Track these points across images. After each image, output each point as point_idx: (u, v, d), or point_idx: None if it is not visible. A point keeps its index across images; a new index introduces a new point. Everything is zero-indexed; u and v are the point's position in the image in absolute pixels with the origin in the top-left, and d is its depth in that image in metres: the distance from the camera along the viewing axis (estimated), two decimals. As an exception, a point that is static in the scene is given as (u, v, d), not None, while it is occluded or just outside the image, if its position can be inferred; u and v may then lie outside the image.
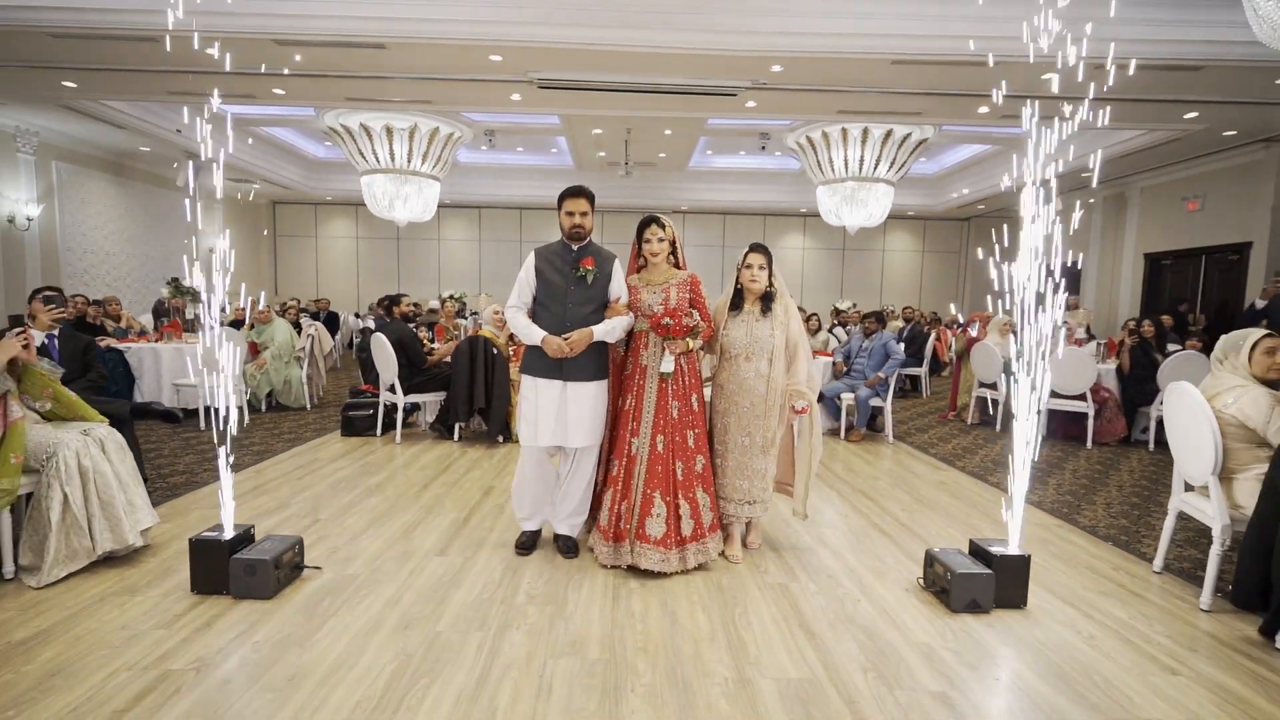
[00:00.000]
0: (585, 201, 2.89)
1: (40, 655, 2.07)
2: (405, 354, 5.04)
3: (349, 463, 4.58)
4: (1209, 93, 6.90)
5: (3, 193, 8.42)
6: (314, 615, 2.37)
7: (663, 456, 2.79)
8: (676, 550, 2.74)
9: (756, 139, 10.22)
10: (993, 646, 2.27)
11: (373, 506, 3.63)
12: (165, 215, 11.27)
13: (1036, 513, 3.78)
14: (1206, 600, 2.57)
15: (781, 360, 2.97)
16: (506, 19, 5.78)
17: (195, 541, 2.51)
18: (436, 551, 3.01)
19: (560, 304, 2.87)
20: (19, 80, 7.04)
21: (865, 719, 1.86)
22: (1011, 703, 1.97)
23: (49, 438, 2.66)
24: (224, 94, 8.34)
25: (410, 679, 1.99)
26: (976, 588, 2.49)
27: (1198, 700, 1.99)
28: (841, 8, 5.76)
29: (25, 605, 2.39)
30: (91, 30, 5.87)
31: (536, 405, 2.86)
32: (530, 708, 1.87)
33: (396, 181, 9.77)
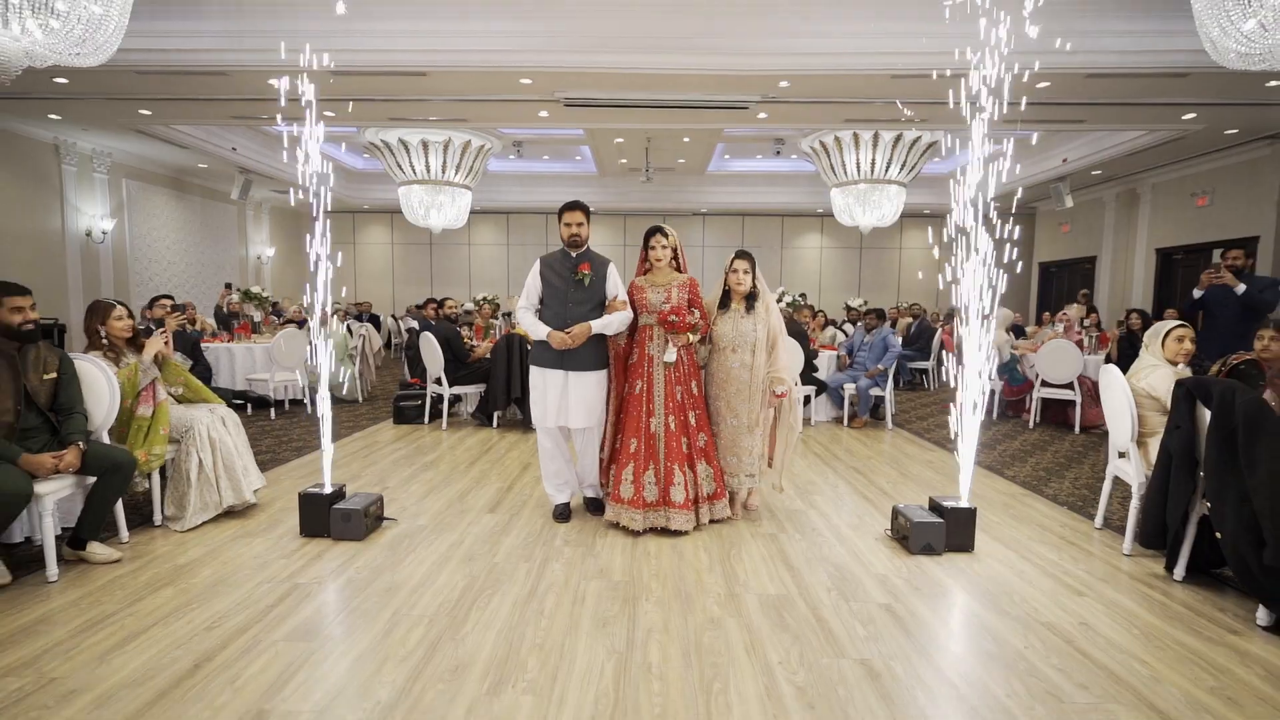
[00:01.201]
0: (581, 214, 3.37)
1: (202, 573, 2.78)
2: (451, 350, 5.74)
3: (404, 445, 5.30)
4: (1202, 95, 7.26)
5: (81, 209, 9.38)
6: (396, 551, 3.05)
7: (675, 434, 3.32)
8: (692, 511, 3.29)
9: (771, 144, 10.76)
10: (937, 577, 2.84)
11: (429, 478, 4.32)
12: (219, 226, 12.24)
13: (1008, 484, 4.32)
14: (1128, 546, 3.11)
15: (763, 351, 3.47)
16: (537, 47, 6.45)
17: (303, 495, 3.21)
18: (487, 510, 3.67)
19: (562, 304, 3.34)
20: (103, 110, 7.95)
21: (824, 619, 2.45)
22: (939, 608, 2.55)
23: (185, 415, 3.38)
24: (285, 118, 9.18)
25: (477, 591, 2.65)
26: (930, 534, 3.06)
27: (1092, 611, 2.54)
28: (839, 29, 6.30)
29: (176, 543, 3.11)
30: (171, 67, 6.70)
31: (544, 392, 3.36)
32: (569, 610, 2.50)
33: (432, 191, 10.53)
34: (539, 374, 3.40)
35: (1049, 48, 6.54)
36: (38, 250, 8.75)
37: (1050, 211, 12.65)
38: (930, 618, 2.48)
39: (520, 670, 2.09)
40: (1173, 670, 2.14)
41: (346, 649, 2.21)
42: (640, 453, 3.32)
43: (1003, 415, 6.75)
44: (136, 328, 3.39)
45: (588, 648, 2.22)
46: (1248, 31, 3.59)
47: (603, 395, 3.44)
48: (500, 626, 2.36)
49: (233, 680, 2.01)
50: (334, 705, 1.90)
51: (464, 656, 2.16)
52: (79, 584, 2.66)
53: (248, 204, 12.56)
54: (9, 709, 1.85)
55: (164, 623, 2.36)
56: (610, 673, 2.08)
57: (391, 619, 2.41)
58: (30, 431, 2.73)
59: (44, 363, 2.81)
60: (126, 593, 2.59)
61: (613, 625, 2.38)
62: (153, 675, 2.03)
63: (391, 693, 1.96)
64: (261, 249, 13.43)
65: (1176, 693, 2.02)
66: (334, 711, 1.87)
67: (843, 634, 2.35)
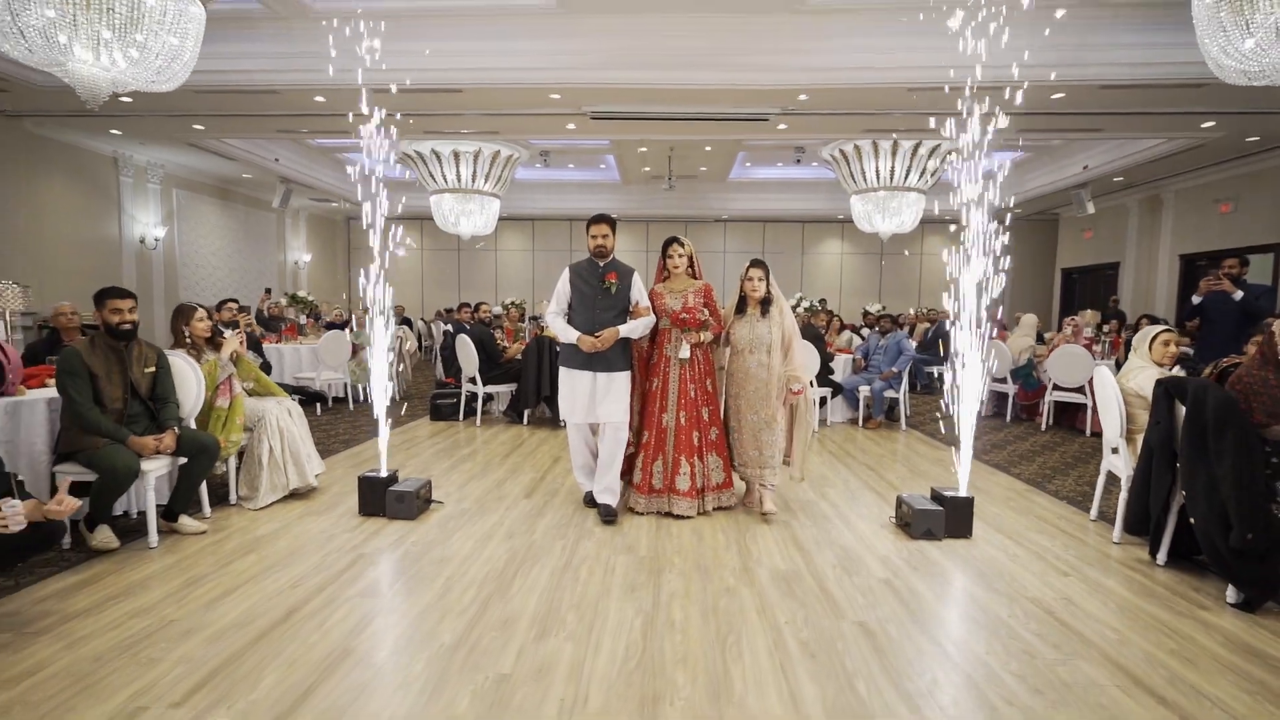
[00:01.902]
0: (607, 226, 3.66)
1: (278, 543, 3.18)
2: (485, 351, 6.15)
3: (442, 439, 5.70)
4: (1220, 105, 7.41)
5: (136, 217, 10.02)
6: (445, 529, 3.43)
7: (685, 428, 3.65)
8: (698, 499, 3.64)
9: (792, 152, 11.05)
10: (935, 558, 3.13)
11: (468, 468, 4.71)
12: (259, 232, 12.87)
13: (1013, 480, 4.57)
14: (1117, 534, 3.36)
15: (779, 351, 3.78)
16: (566, 65, 6.85)
17: (362, 478, 3.61)
18: (523, 496, 4.04)
19: (590, 310, 3.62)
20: (160, 125, 8.55)
21: (828, 590, 2.77)
22: (934, 584, 2.84)
23: (257, 406, 3.81)
24: (321, 131, 9.75)
25: (519, 562, 3.00)
26: (931, 520, 3.35)
27: (1075, 589, 2.82)
28: (855, 44, 6.60)
29: (251, 519, 3.52)
30: (226, 86, 7.22)
31: (573, 391, 3.63)
32: (601, 578, 2.84)
33: (462, 200, 10.99)
34: (568, 374, 3.67)
35: (1063, 60, 6.80)
36: (97, 256, 9.39)
37: (1073, 218, 12.73)
38: (924, 591, 2.78)
39: (561, 624, 2.43)
40: (1140, 636, 2.42)
41: (410, 605, 2.58)
42: (651, 444, 3.68)
43: (1017, 418, 6.96)
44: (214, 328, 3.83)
45: (618, 607, 2.57)
46: (1247, 51, 3.80)
47: (628, 394, 3.70)
48: (541, 590, 2.72)
49: (319, 626, 2.39)
50: (406, 646, 2.27)
51: (512, 612, 2.52)
52: (174, 551, 3.08)
53: (286, 212, 13.17)
54: (142, 641, 2.25)
55: (253, 581, 2.75)
56: (639, 627, 2.41)
57: (446, 582, 2.78)
58: (134, 418, 3.15)
59: (144, 358, 3.24)
60: (216, 558, 3.00)
61: (640, 591, 2.72)
62: (253, 620, 2.42)
63: (453, 638, 2.32)
64: (299, 254, 14.06)
65: (1139, 653, 2.29)
66: (407, 651, 2.24)
67: (844, 602, 2.66)
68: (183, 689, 1.98)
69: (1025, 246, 14.75)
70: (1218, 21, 3.86)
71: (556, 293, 3.75)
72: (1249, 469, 2.60)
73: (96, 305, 3.11)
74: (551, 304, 3.81)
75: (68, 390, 2.96)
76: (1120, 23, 6.55)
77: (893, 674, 2.14)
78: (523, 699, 1.97)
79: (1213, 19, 3.87)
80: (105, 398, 3.05)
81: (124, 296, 3.19)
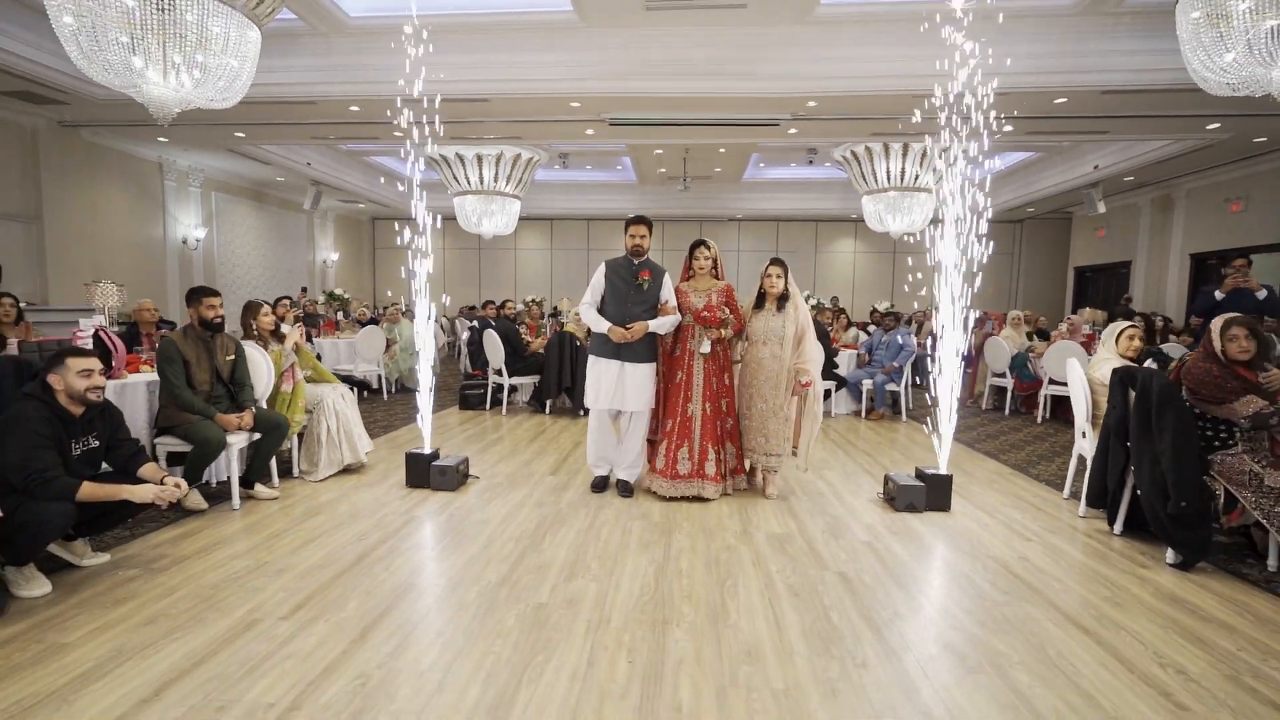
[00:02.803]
0: (645, 228, 4.00)
1: (340, 508, 3.72)
2: (510, 345, 6.67)
3: (471, 426, 6.23)
4: (1224, 107, 7.69)
5: (179, 219, 10.71)
6: (483, 498, 3.94)
7: (710, 418, 4.03)
8: (720, 483, 4.03)
9: (804, 153, 11.45)
10: (914, 527, 3.58)
11: (498, 451, 5.23)
12: (291, 233, 13.55)
13: (1000, 465, 4.99)
14: (1082, 509, 3.78)
15: (791, 345, 4.21)
16: (586, 75, 7.34)
17: (409, 454, 4.14)
18: (549, 473, 4.55)
19: (623, 304, 3.93)
20: (204, 134, 9.19)
21: (816, 549, 3.23)
22: (909, 546, 3.29)
23: (315, 391, 4.35)
24: (352, 136, 10.35)
25: (549, 525, 3.50)
26: (913, 494, 3.79)
27: (1034, 551, 3.25)
28: (861, 53, 7.02)
29: (313, 490, 4.06)
30: (269, 98, 7.81)
31: (599, 379, 3.94)
32: (620, 538, 3.33)
33: (484, 201, 11.53)
34: (597, 363, 3.98)
35: (1063, 67, 7.16)
36: (144, 255, 10.08)
37: (1086, 216, 12.97)
38: (900, 551, 3.23)
39: (586, 569, 2.93)
40: (1081, 586, 2.85)
41: (459, 555, 3.09)
42: (674, 432, 4.03)
43: (1016, 411, 7.33)
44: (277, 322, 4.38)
45: (634, 558, 3.05)
46: (1227, 64, 4.15)
47: (652, 384, 4.01)
48: (569, 545, 3.21)
49: (386, 567, 2.91)
50: (459, 583, 2.77)
51: (544, 560, 3.02)
52: (253, 513, 3.62)
53: (315, 213, 13.84)
54: (245, 576, 2.78)
55: (325, 535, 3.28)
56: (651, 573, 2.90)
57: (488, 538, 3.29)
58: (217, 399, 3.70)
59: (225, 347, 3.79)
60: (290, 518, 3.54)
61: (653, 547, 3.21)
62: (331, 562, 2.94)
63: (497, 577, 2.82)
64: (327, 254, 14.73)
65: (1076, 598, 2.73)
66: (460, 586, 2.74)
67: (828, 557, 3.12)
68: (286, 608, 2.51)
69: (1039, 244, 15.00)
70: (1198, 40, 4.22)
71: (592, 285, 4.04)
72: (1185, 445, 3.02)
73: (191, 302, 3.66)
74: (586, 295, 4.03)
75: (166, 374, 3.51)
76: (1121, 29, 6.88)
77: (862, 609, 2.60)
78: (557, 619, 2.46)
79: (1194, 38, 4.22)
80: (195, 381, 3.60)
81: (215, 295, 3.74)
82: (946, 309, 3.88)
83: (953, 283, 3.86)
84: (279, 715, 1.88)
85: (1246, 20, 3.99)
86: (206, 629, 2.35)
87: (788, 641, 2.34)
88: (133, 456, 2.87)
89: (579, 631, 2.38)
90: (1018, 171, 12.64)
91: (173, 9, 4.19)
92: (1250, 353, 3.09)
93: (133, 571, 2.82)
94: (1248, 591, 2.82)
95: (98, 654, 2.18)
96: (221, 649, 2.22)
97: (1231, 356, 3.11)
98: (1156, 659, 2.27)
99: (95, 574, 2.79)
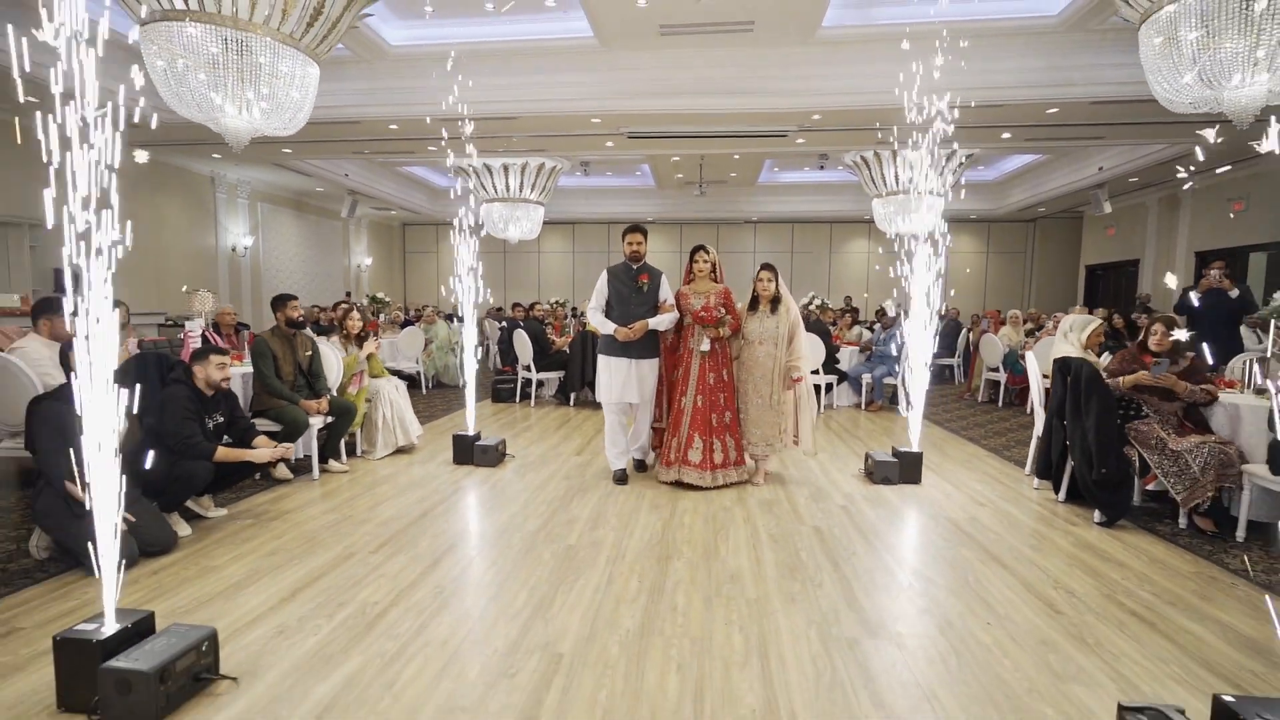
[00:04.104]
0: (641, 235, 4.42)
1: (400, 479, 4.49)
2: (538, 343, 7.43)
3: (503, 416, 7.00)
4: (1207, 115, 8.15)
5: (229, 228, 11.68)
6: (519, 473, 4.69)
7: (702, 410, 4.56)
8: (709, 472, 4.51)
9: (816, 158, 12.06)
10: (885, 495, 4.24)
11: (528, 436, 5.98)
12: (328, 239, 14.51)
13: (977, 449, 5.61)
14: (1036, 482, 4.40)
15: (784, 344, 4.85)
16: (605, 94, 8.07)
17: (455, 436, 4.91)
18: (574, 454, 5.29)
19: (625, 306, 4.38)
20: (255, 150, 10.09)
21: (798, 511, 3.91)
22: (878, 509, 3.95)
23: (375, 384, 5.14)
24: (387, 151, 11.24)
25: (574, 492, 4.24)
26: (888, 469, 4.45)
27: (985, 513, 3.89)
28: (860, 70, 7.64)
29: (375, 466, 4.85)
30: (317, 119, 8.65)
31: (610, 375, 4.42)
32: (634, 503, 4.05)
33: (510, 207, 12.33)
34: (606, 361, 4.45)
35: (1054, 80, 7.72)
36: (198, 263, 11.05)
37: (1096, 216, 13.36)
38: (869, 513, 3.90)
39: (606, 522, 3.65)
40: (1013, 537, 3.50)
41: (502, 512, 3.83)
42: (671, 423, 4.62)
43: (1009, 404, 7.89)
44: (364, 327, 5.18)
45: (646, 516, 3.77)
46: (1185, 86, 4.69)
47: (655, 378, 4.55)
48: (592, 506, 3.94)
49: (446, 519, 3.66)
50: (505, 530, 3.52)
51: (572, 516, 3.75)
52: (329, 483, 4.41)
53: (351, 220, 14.79)
54: (336, 525, 3.56)
55: (392, 498, 4.05)
56: (659, 526, 3.61)
57: (525, 502, 4.03)
58: (298, 388, 4.49)
59: (304, 345, 4.58)
60: (360, 486, 4.32)
61: (661, 509, 3.92)
62: (401, 516, 3.71)
63: (534, 527, 3.56)
64: (361, 259, 15.69)
65: (1006, 546, 3.38)
66: (506, 531, 3.49)
67: (807, 516, 3.80)
68: (373, 546, 3.27)
69: (1050, 243, 15.39)
70: (1158, 65, 4.78)
71: (596, 291, 4.53)
72: (1106, 421, 3.64)
73: (277, 307, 4.47)
74: (592, 300, 4.55)
75: (259, 366, 4.31)
76: (1106, 45, 7.42)
77: (827, 551, 3.29)
78: (584, 555, 3.19)
79: (1155, 62, 4.76)
80: (282, 373, 4.40)
81: (295, 298, 4.54)
82: (918, 311, 4.52)
83: (922, 285, 4.50)
84: (382, 610, 2.62)
85: (1194, 48, 4.57)
86: (315, 558, 3.12)
87: (763, 570, 3.03)
88: (246, 430, 3.66)
89: (601, 563, 3.10)
90: (1028, 172, 13.10)
91: (249, 53, 4.97)
92: (1165, 346, 3.70)
93: (247, 522, 3.61)
94: (1153, 542, 3.44)
95: (241, 573, 2.96)
96: (330, 571, 2.99)
97: (1150, 346, 3.73)
98: (1053, 583, 2.92)
99: (218, 524, 3.58)
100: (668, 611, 2.63)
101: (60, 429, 2.69)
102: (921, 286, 4.52)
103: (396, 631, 2.44)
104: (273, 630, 2.43)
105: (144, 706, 1.86)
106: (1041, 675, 2.20)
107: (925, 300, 4.50)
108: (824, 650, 2.34)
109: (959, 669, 2.23)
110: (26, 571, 2.89)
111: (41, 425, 2.79)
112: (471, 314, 5.02)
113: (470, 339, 5.04)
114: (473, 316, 5.02)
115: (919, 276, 4.50)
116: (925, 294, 4.50)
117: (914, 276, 4.52)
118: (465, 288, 4.96)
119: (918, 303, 4.52)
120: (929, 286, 4.50)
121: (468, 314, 5.02)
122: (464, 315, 5.05)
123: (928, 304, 4.51)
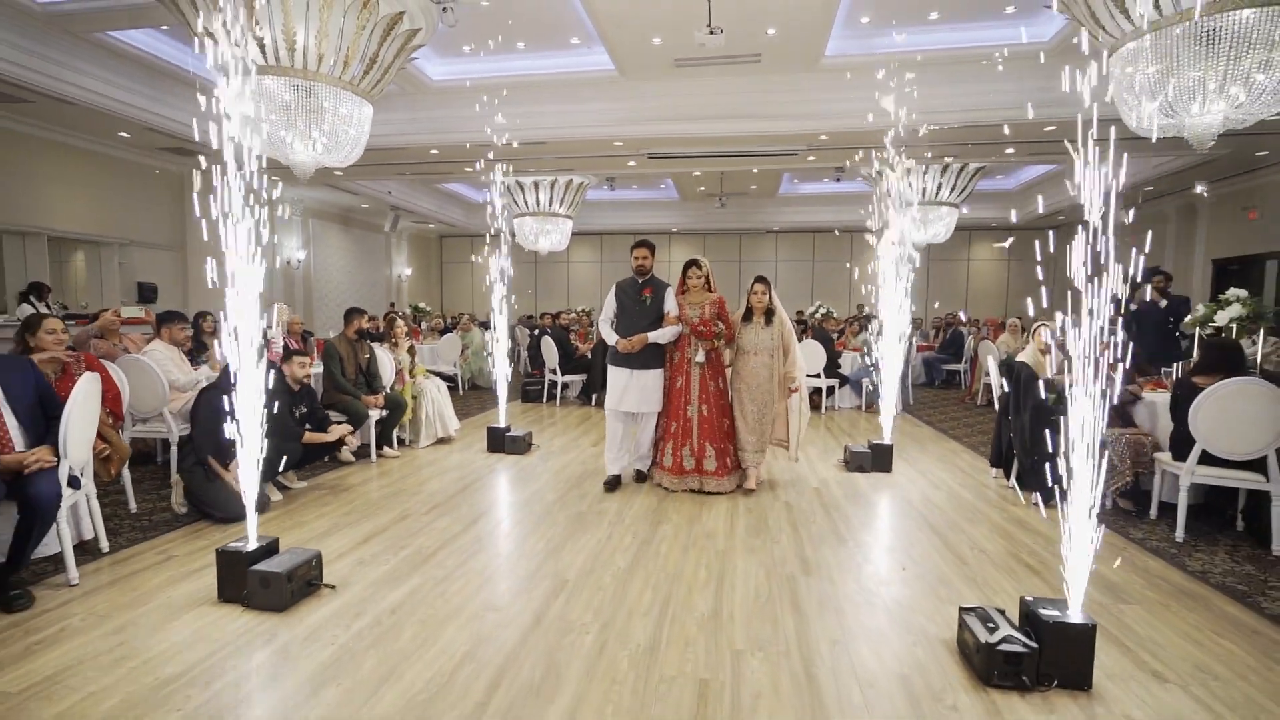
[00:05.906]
0: (646, 250, 4.68)
1: (443, 463, 5.40)
2: (563, 349, 8.32)
3: (531, 414, 7.91)
4: (1204, 130, 8.62)
5: (285, 243, 12.90)
6: (543, 459, 5.56)
7: (708, 419, 5.25)
8: (725, 477, 5.20)
9: (833, 170, 12.73)
10: (856, 481, 4.97)
11: (553, 430, 6.85)
12: (371, 252, 15.72)
13: (954, 444, 6.28)
14: (994, 471, 5.07)
15: (779, 354, 5.49)
16: (627, 119, 8.94)
17: (490, 428, 5.80)
18: (592, 445, 6.14)
19: (631, 318, 4.65)
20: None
21: (776, 491, 4.67)
22: (846, 491, 4.69)
23: (418, 382, 6.07)
24: (426, 171, 12.35)
25: (588, 475, 5.08)
26: (862, 459, 5.17)
27: (938, 495, 4.60)
28: (861, 94, 8.34)
29: (419, 454, 5.77)
30: (368, 147, 9.72)
31: (616, 384, 4.66)
32: (638, 485, 4.86)
33: (541, 221, 13.30)
34: (613, 371, 4.70)
35: (1047, 100, 8.32)
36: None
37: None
38: (838, 494, 4.64)
39: (611, 498, 4.48)
40: (957, 514, 4.20)
41: (528, 488, 4.69)
42: (678, 433, 4.65)
43: (1007, 407, 8.46)
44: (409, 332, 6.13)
45: (645, 497, 4.59)
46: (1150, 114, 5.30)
47: (659, 388, 4.71)
48: (602, 486, 4.77)
49: (482, 490, 4.54)
50: (531, 500, 4.37)
51: (584, 492, 4.59)
52: (384, 465, 5.34)
53: (393, 234, 15.99)
54: (395, 495, 4.46)
55: (436, 477, 4.95)
56: (655, 502, 4.42)
57: (548, 479, 4.89)
58: (359, 385, 5.44)
59: (364, 349, 5.53)
60: (411, 468, 5.23)
61: (658, 492, 4.73)
62: (444, 490, 4.60)
63: (552, 499, 4.41)
64: (401, 269, 16.88)
65: (946, 519, 4.09)
66: (532, 502, 4.34)
67: (781, 496, 4.57)
68: (424, 509, 4.16)
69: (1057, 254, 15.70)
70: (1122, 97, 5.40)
71: (606, 303, 4.81)
72: (1037, 415, 4.32)
73: (350, 319, 5.43)
74: (602, 313, 4.84)
75: (329, 367, 5.27)
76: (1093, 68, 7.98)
77: (793, 521, 4.05)
78: (593, 519, 4.02)
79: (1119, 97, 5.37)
80: (346, 372, 5.35)
81: (365, 312, 5.50)
82: (890, 318, 5.23)
83: (892, 292, 5.21)
84: (433, 550, 3.49)
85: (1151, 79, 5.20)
86: (379, 518, 4.01)
87: (734, 531, 3.82)
88: (323, 419, 4.60)
89: (604, 524, 3.93)
90: (1046, 181, 13.54)
91: (314, 96, 5.91)
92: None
93: (323, 492, 4.55)
94: (1074, 518, 4.10)
95: (324, 526, 3.87)
96: (391, 526, 3.87)
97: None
98: (970, 544, 3.64)
99: (300, 494, 4.52)
100: (652, 557, 3.43)
101: (213, 413, 3.62)
102: (893, 299, 5.23)
103: (445, 564, 3.30)
104: (354, 562, 3.32)
105: (278, 597, 2.75)
106: (927, 599, 2.94)
107: (895, 311, 5.21)
108: (766, 582, 3.12)
109: (867, 595, 2.99)
110: (168, 521, 3.85)
111: (201, 409, 3.77)
112: (504, 327, 5.90)
113: (502, 347, 5.93)
114: (505, 329, 5.90)
115: (887, 288, 5.21)
116: (896, 306, 5.22)
117: (884, 288, 5.24)
118: (497, 302, 5.83)
119: (887, 314, 5.23)
120: (900, 301, 5.21)
121: (500, 326, 5.89)
122: (497, 326, 5.91)
123: (898, 313, 5.22)
